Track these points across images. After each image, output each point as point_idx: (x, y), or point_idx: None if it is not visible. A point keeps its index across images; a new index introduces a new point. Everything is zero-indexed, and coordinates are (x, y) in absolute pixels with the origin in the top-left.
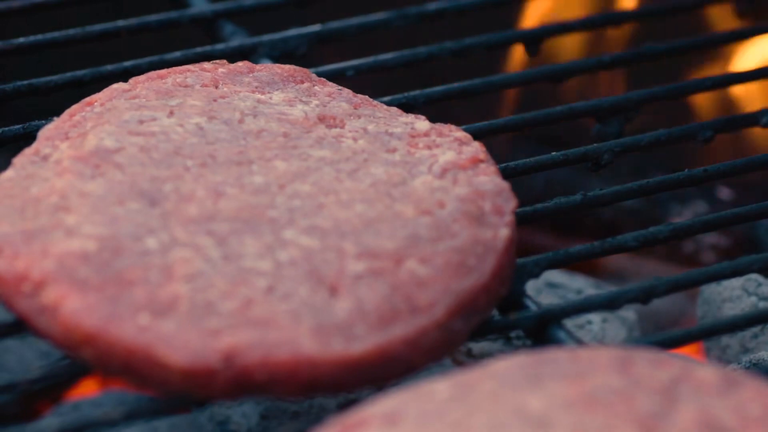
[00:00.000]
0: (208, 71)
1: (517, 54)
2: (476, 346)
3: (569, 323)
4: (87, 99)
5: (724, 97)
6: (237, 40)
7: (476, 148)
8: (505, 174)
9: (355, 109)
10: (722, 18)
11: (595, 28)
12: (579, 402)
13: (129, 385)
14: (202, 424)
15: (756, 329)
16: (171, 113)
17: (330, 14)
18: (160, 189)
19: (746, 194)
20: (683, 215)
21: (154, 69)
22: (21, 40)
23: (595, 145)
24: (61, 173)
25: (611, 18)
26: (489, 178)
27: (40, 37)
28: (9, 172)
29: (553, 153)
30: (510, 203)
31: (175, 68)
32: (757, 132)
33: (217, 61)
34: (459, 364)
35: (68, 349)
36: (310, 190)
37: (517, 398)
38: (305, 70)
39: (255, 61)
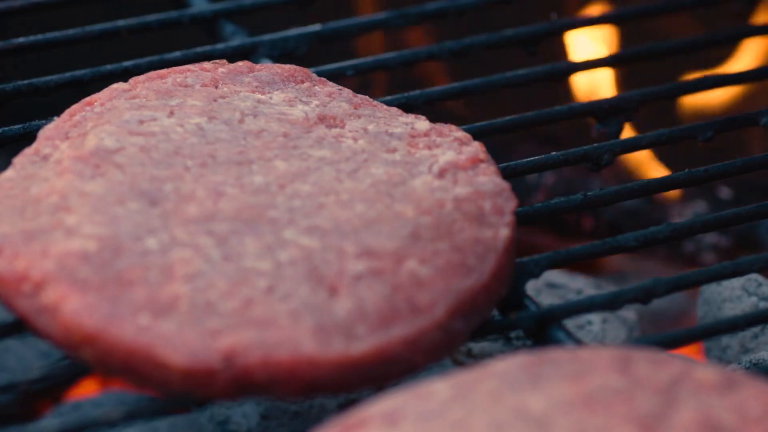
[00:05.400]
0: (208, 71)
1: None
2: (476, 346)
3: (569, 323)
4: (87, 99)
5: None
6: (237, 40)
7: (476, 148)
8: (505, 174)
9: (355, 109)
10: (721, 18)
11: (594, 28)
12: (579, 402)
13: (129, 385)
14: (202, 424)
15: (756, 329)
16: (171, 113)
17: (330, 14)
18: (160, 189)
19: (746, 194)
20: (683, 215)
21: (154, 69)
22: (21, 40)
23: (595, 145)
24: (61, 173)
25: (612, 18)
26: (489, 178)
27: (40, 37)
28: (9, 172)
29: (553, 153)
30: (510, 203)
31: (175, 68)
32: None
33: (217, 60)
34: (459, 364)
35: (68, 349)
36: (310, 190)
37: (517, 398)
38: (305, 69)
39: (255, 61)
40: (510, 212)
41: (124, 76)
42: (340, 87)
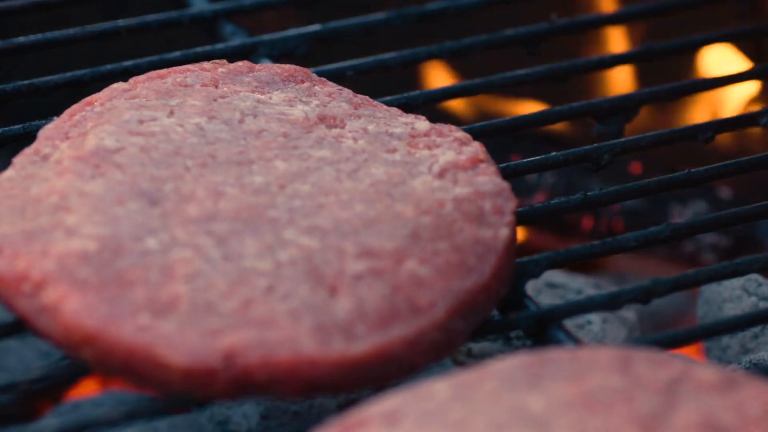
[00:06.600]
0: (208, 71)
1: None
2: (476, 346)
3: (569, 323)
4: (87, 99)
5: None
6: (237, 40)
7: (476, 148)
8: (505, 174)
9: (355, 109)
10: (722, 17)
11: (595, 28)
12: (579, 402)
13: (129, 385)
14: (202, 424)
15: (756, 329)
16: (171, 113)
17: (330, 14)
18: (160, 189)
19: (746, 194)
20: (683, 215)
21: (154, 69)
22: (21, 40)
23: (595, 145)
24: (61, 173)
25: (611, 17)
26: (489, 178)
27: (40, 37)
28: (9, 172)
29: (553, 153)
30: (510, 203)
31: (175, 68)
32: None
33: (217, 60)
34: (459, 364)
35: (68, 349)
36: (310, 190)
37: (517, 398)
38: (305, 69)
39: (255, 61)
40: (510, 212)
41: (124, 76)
42: (340, 87)
